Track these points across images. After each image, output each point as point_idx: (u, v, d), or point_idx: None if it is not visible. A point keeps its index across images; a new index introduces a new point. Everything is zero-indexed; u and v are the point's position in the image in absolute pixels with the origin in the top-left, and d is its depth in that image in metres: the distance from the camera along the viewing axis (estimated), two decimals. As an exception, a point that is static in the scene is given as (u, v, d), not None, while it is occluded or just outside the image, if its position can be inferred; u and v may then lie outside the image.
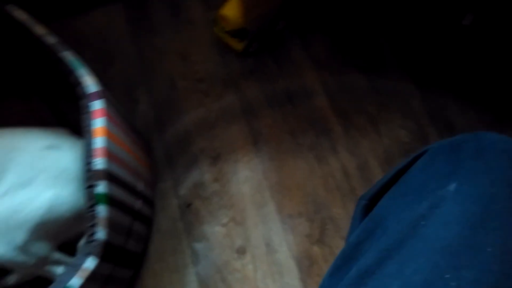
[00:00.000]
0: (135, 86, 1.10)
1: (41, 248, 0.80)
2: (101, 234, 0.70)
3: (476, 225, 0.38)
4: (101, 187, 0.69)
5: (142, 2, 1.20)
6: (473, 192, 0.40)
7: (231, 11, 1.03)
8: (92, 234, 0.71)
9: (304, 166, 1.01)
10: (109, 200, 0.71)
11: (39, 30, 0.75)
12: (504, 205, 0.39)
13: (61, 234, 0.83)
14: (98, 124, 0.72)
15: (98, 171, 0.69)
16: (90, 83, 0.75)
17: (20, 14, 0.74)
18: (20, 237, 0.78)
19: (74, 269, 0.69)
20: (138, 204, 0.86)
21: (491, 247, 0.37)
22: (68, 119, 0.94)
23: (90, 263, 0.70)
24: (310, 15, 1.19)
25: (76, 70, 0.75)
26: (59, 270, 0.83)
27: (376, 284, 0.40)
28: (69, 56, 0.75)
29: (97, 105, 0.73)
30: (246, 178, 1.01)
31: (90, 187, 0.70)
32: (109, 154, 0.71)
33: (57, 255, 0.83)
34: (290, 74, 1.12)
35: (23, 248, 0.78)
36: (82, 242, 0.86)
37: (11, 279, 0.88)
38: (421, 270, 0.38)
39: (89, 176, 0.69)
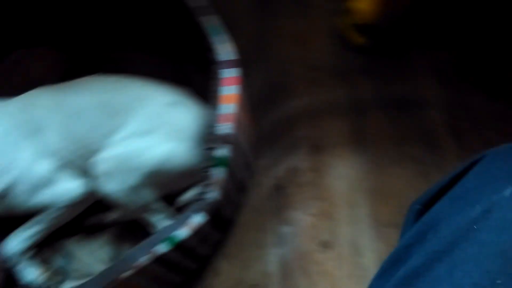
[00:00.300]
0: (250, 61, 1.12)
1: (147, 194, 0.85)
2: (214, 194, 0.73)
3: None
4: (223, 151, 0.71)
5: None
6: None
7: (365, 4, 1.01)
8: (204, 193, 0.73)
9: (405, 177, 0.98)
10: (228, 164, 0.73)
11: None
12: None
13: (167, 186, 0.87)
14: (229, 91, 0.74)
15: (222, 135, 0.71)
16: (225, 50, 0.77)
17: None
18: (133, 179, 0.82)
19: (182, 221, 0.72)
20: (246, 174, 0.88)
21: None
22: (190, 81, 0.98)
23: (199, 219, 0.73)
24: (441, 25, 1.14)
25: (212, 36, 0.77)
26: (156, 218, 0.88)
27: (423, 286, 0.40)
28: (209, 21, 0.77)
29: (230, 73, 0.75)
30: (344, 175, 1.00)
31: (211, 149, 0.72)
32: (236, 122, 0.73)
33: (159, 205, 0.87)
34: (406, 81, 1.08)
35: (133, 190, 0.83)
36: (183, 197, 0.90)
37: (111, 216, 0.94)
38: (472, 274, 0.37)
39: (212, 139, 0.72)
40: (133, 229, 0.95)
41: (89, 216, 0.94)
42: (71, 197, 0.86)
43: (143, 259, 0.71)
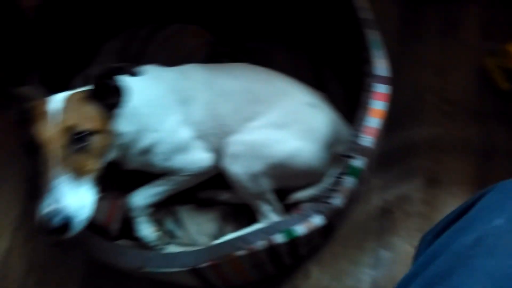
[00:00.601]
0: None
1: (266, 184, 0.89)
2: (338, 201, 0.74)
3: None
4: (360, 162, 0.73)
5: (420, 6, 1.20)
6: None
7: (524, 49, 0.96)
8: (328, 197, 0.75)
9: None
10: (359, 176, 0.74)
11: (359, 2, 0.80)
12: None
13: (286, 181, 0.90)
14: (378, 105, 0.74)
15: (363, 146, 0.72)
16: (381, 66, 0.78)
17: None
18: (257, 167, 0.87)
19: (302, 218, 0.75)
20: (361, 187, 0.88)
21: None
22: (325, 85, 1.01)
23: (317, 220, 0.75)
24: None
25: (373, 49, 0.78)
26: (265, 208, 0.91)
27: None
28: (372, 35, 0.79)
29: (382, 89, 0.76)
30: (458, 216, 0.96)
31: (348, 157, 0.74)
32: (377, 137, 0.74)
33: (272, 196, 0.91)
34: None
35: (255, 177, 0.87)
36: (295, 195, 0.93)
37: (224, 195, 1.00)
38: None
39: (352, 147, 0.73)
40: (238, 213, 1.00)
41: (204, 189, 1.00)
42: (200, 167, 0.92)
43: (259, 244, 0.75)
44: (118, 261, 0.83)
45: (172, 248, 0.95)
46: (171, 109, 0.89)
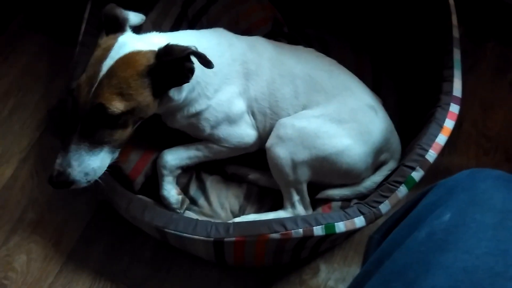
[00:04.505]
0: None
1: (304, 174, 0.87)
2: (385, 208, 0.73)
3: None
4: (418, 175, 0.72)
5: (480, 42, 1.20)
6: (463, 221, 0.46)
7: None
8: (376, 202, 0.74)
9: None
10: (411, 189, 0.73)
11: (454, 20, 0.79)
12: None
13: (324, 176, 0.88)
14: (449, 124, 0.74)
15: (427, 161, 0.72)
16: (457, 86, 0.77)
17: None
18: (302, 155, 0.85)
19: (345, 216, 0.74)
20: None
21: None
22: (381, 92, 0.99)
23: (358, 222, 0.74)
24: None
25: (454, 69, 0.78)
26: (295, 198, 0.89)
27: None
28: (457, 54, 0.78)
29: (455, 109, 0.75)
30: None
31: (409, 167, 0.73)
32: (438, 154, 0.74)
33: (304, 187, 0.89)
34: None
35: (296, 164, 0.85)
36: (327, 192, 0.91)
37: (252, 175, 0.97)
38: None
39: (416, 159, 0.72)
40: (262, 195, 0.97)
41: (232, 164, 0.97)
42: (242, 142, 0.90)
43: (297, 231, 0.73)
44: (142, 216, 0.80)
45: (190, 215, 0.92)
46: (231, 79, 0.86)
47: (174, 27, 1.02)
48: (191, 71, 0.73)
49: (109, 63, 0.71)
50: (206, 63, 0.71)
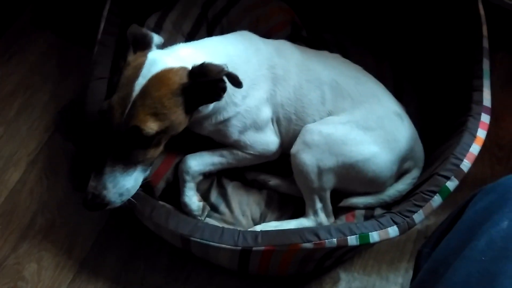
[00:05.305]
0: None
1: (329, 181, 0.86)
2: (419, 217, 0.73)
3: None
4: (452, 184, 0.72)
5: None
6: None
7: None
8: (410, 211, 0.73)
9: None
10: (446, 198, 0.73)
11: (484, 30, 0.80)
12: None
13: (349, 183, 0.87)
14: (481, 134, 0.74)
15: (461, 171, 0.72)
16: (487, 96, 0.78)
17: (481, 9, 0.80)
18: (328, 162, 0.83)
19: (379, 225, 0.73)
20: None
21: None
22: (402, 99, 0.99)
23: (392, 231, 0.73)
24: None
25: (484, 79, 0.78)
26: (318, 206, 0.88)
27: None
28: (486, 65, 0.79)
29: (485, 118, 0.76)
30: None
31: (443, 176, 0.72)
32: (472, 163, 0.74)
33: (327, 195, 0.88)
34: None
35: (322, 171, 0.84)
36: (351, 200, 0.90)
37: (273, 181, 0.96)
38: None
39: (451, 169, 0.72)
40: (283, 202, 0.96)
41: (252, 171, 0.96)
42: (267, 150, 0.88)
43: (331, 241, 0.72)
44: (166, 223, 0.77)
45: (211, 222, 0.89)
46: (258, 84, 0.84)
47: (194, 28, 1.00)
48: (223, 90, 0.72)
49: (141, 83, 0.69)
50: (237, 83, 0.71)
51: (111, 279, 0.90)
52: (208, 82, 0.70)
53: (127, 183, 0.71)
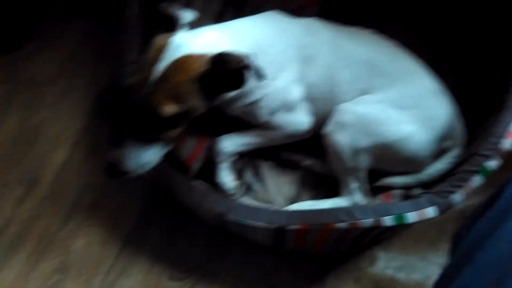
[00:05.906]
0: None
1: (364, 161, 0.84)
2: (459, 197, 0.71)
3: None
4: (495, 164, 0.69)
5: None
6: None
7: None
8: (450, 192, 0.72)
9: None
10: (487, 177, 0.70)
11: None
12: None
13: (385, 163, 0.86)
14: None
15: (502, 149, 0.69)
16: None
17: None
18: (364, 142, 0.82)
19: (415, 206, 0.72)
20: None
21: None
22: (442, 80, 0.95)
23: (429, 212, 0.72)
24: None
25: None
26: (354, 185, 0.87)
27: None
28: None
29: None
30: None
31: (484, 156, 0.70)
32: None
33: (364, 174, 0.87)
34: None
35: (357, 151, 0.83)
36: (388, 180, 0.89)
37: (307, 161, 0.95)
38: None
39: (491, 148, 0.69)
40: (317, 182, 0.96)
41: (286, 150, 0.96)
42: (298, 129, 0.88)
43: (366, 221, 0.72)
44: (202, 202, 0.80)
45: (247, 201, 0.91)
46: (287, 65, 0.83)
47: (224, 8, 0.99)
48: (244, 80, 0.71)
49: (162, 66, 0.70)
50: (259, 76, 0.70)
51: (154, 255, 0.95)
52: (228, 71, 0.70)
53: (147, 156, 0.73)
